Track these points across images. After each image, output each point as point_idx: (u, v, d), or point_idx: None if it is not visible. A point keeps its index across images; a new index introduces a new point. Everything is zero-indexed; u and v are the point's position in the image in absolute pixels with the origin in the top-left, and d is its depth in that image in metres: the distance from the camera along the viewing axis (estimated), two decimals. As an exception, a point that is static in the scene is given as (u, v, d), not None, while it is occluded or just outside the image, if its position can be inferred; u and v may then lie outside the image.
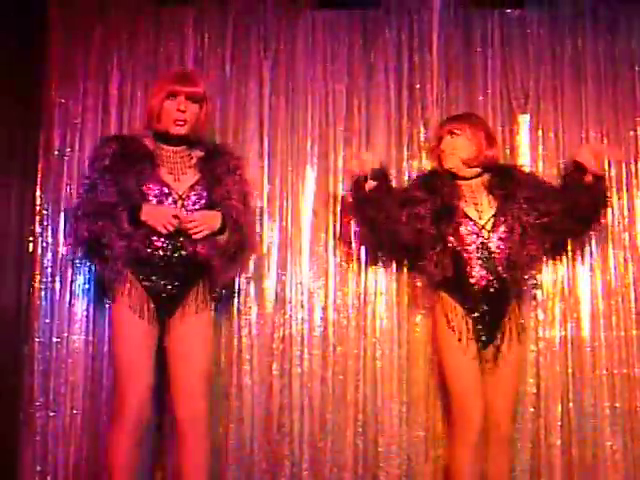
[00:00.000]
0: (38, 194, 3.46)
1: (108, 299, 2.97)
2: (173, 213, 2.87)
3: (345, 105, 3.56)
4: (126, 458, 2.86)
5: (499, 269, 3.01)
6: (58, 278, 3.40)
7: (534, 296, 3.38)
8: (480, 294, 3.01)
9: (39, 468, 3.31)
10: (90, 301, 3.38)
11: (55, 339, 3.37)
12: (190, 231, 2.88)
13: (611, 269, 3.41)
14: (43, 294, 3.39)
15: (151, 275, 2.90)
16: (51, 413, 3.32)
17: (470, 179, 3.16)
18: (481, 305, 3.02)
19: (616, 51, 3.56)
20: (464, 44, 3.59)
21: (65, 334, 3.37)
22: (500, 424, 3.05)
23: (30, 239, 3.43)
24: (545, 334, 3.37)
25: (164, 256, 2.89)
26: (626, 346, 3.36)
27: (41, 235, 3.43)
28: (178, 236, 2.88)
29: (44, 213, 3.45)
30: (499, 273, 3.01)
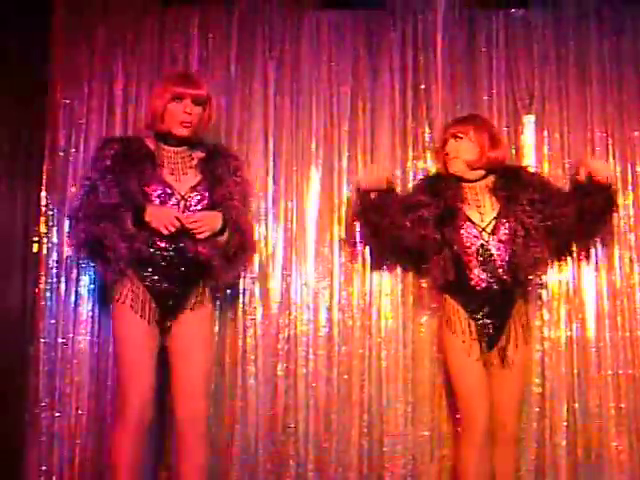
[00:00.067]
0: (43, 195, 3.46)
1: (110, 299, 2.96)
2: (175, 214, 2.87)
3: (350, 105, 3.55)
4: (129, 458, 2.86)
5: (499, 271, 3.01)
6: (63, 279, 3.40)
7: (539, 296, 3.38)
8: (482, 296, 3.01)
9: (44, 468, 3.31)
10: (95, 302, 3.39)
11: (60, 340, 3.37)
12: (193, 231, 2.88)
13: (617, 269, 3.41)
14: (48, 295, 3.39)
15: (153, 275, 2.90)
16: (56, 413, 3.33)
17: (475, 181, 3.16)
18: (484, 307, 3.02)
19: (621, 52, 3.55)
20: (469, 44, 3.58)
21: (70, 335, 3.37)
22: (506, 424, 3.05)
23: (35, 240, 3.43)
24: (550, 334, 3.37)
25: (166, 256, 2.89)
26: (631, 346, 3.36)
27: (46, 236, 3.43)
28: (180, 237, 2.89)
29: (49, 214, 3.44)
30: (500, 275, 3.01)
